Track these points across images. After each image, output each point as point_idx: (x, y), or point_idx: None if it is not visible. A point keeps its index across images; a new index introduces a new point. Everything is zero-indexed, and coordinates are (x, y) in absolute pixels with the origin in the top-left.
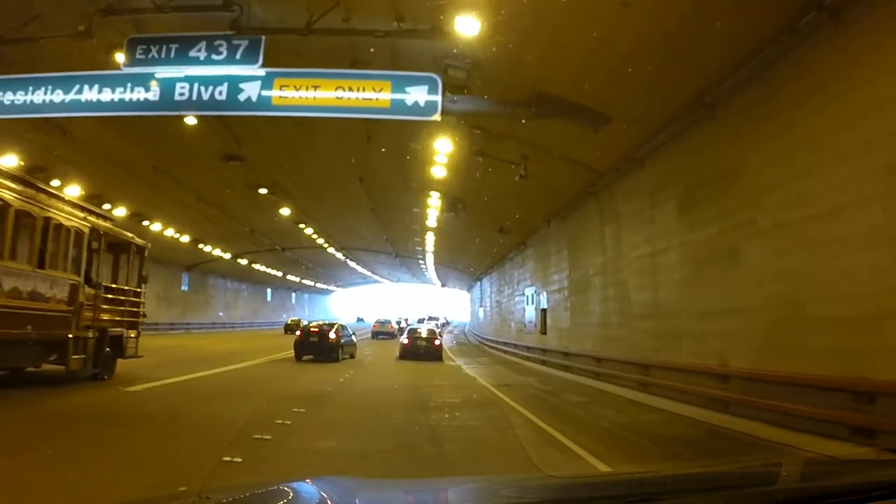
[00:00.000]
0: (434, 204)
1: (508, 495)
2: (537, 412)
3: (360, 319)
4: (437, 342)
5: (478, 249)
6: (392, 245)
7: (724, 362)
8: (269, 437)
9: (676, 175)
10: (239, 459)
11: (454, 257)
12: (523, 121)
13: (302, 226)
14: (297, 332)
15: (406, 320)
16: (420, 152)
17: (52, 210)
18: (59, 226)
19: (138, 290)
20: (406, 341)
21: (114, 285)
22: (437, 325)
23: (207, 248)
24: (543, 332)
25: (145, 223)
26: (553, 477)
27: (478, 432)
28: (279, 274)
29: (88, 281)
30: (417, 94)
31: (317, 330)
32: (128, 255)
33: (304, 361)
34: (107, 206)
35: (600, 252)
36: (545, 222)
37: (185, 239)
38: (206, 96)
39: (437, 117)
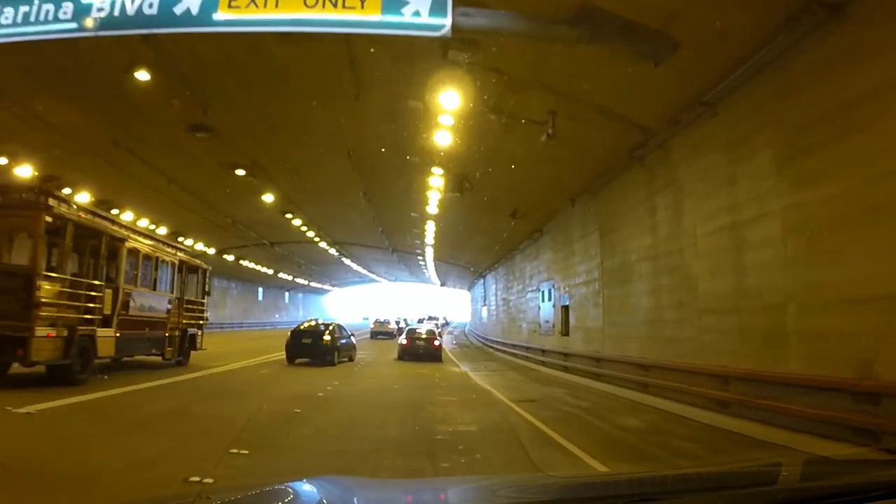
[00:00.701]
0: (436, 184)
1: (508, 495)
2: (591, 447)
3: (366, 319)
4: (436, 342)
5: (484, 241)
6: (388, 238)
7: (867, 373)
8: None
9: (772, 115)
10: None
11: (456, 252)
12: (557, 54)
13: (289, 216)
14: (289, 334)
15: (405, 320)
16: (420, 114)
17: (160, 251)
18: (163, 261)
19: (203, 300)
20: (405, 342)
21: (189, 298)
22: (436, 325)
23: (188, 242)
24: (565, 332)
25: (115, 212)
26: (553, 477)
27: None
28: (270, 271)
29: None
30: (418, 1)
31: (310, 330)
32: (196, 275)
33: (295, 365)
34: (67, 191)
35: (648, 232)
36: (569, 202)
37: (163, 231)
38: (131, 9)
39: (445, 32)
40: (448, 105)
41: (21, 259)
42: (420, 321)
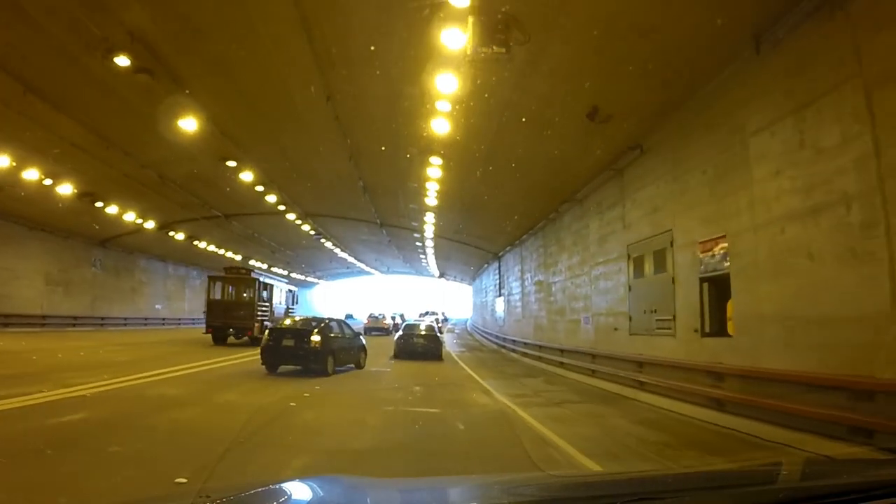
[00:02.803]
0: (445, 86)
1: (508, 494)
2: None
3: (349, 316)
4: (436, 340)
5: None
6: (375, 205)
7: None
8: None
9: None
10: None
11: (469, 219)
12: None
13: (230, 163)
14: (266, 333)
15: (401, 316)
16: None
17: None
18: (263, 283)
19: (268, 303)
20: (402, 339)
21: (262, 302)
22: (436, 320)
23: (112, 210)
24: (712, 332)
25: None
26: (553, 476)
27: None
28: (236, 257)
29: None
30: None
31: (293, 328)
32: (269, 289)
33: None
34: None
35: None
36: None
37: (67, 190)
38: None
39: None
40: None
41: (247, 296)
42: (423, 315)
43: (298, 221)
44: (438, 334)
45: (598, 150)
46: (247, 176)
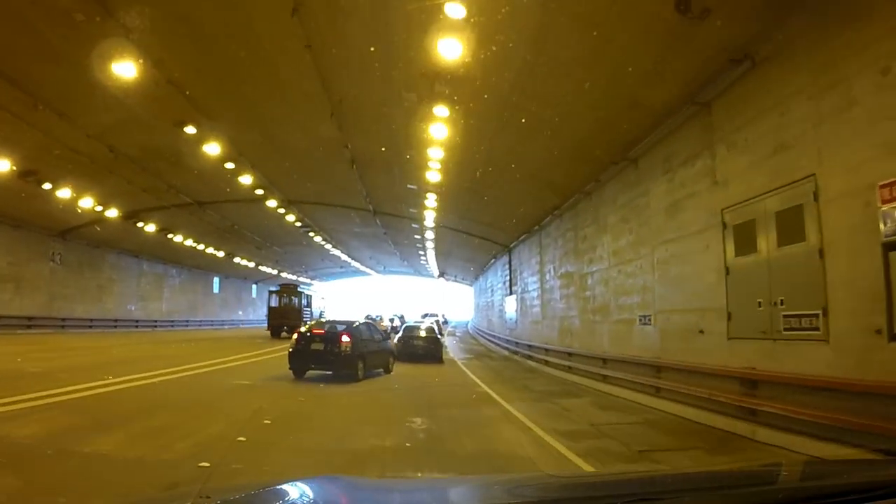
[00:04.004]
0: None
1: (508, 495)
2: None
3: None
4: (437, 342)
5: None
6: (366, 186)
7: None
8: None
9: None
10: None
11: (477, 201)
12: None
13: (189, 129)
14: (295, 336)
15: (401, 317)
16: None
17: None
18: (305, 294)
19: (309, 308)
20: (402, 341)
21: (305, 307)
22: (436, 321)
23: (65, 194)
24: None
25: None
26: (553, 476)
27: None
28: (218, 253)
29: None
30: None
31: (322, 332)
32: (309, 297)
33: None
34: None
35: None
36: None
37: (2, 166)
38: None
39: None
40: None
41: (295, 303)
42: (425, 316)
43: (281, 210)
44: (439, 336)
45: (671, 78)
46: (212, 149)
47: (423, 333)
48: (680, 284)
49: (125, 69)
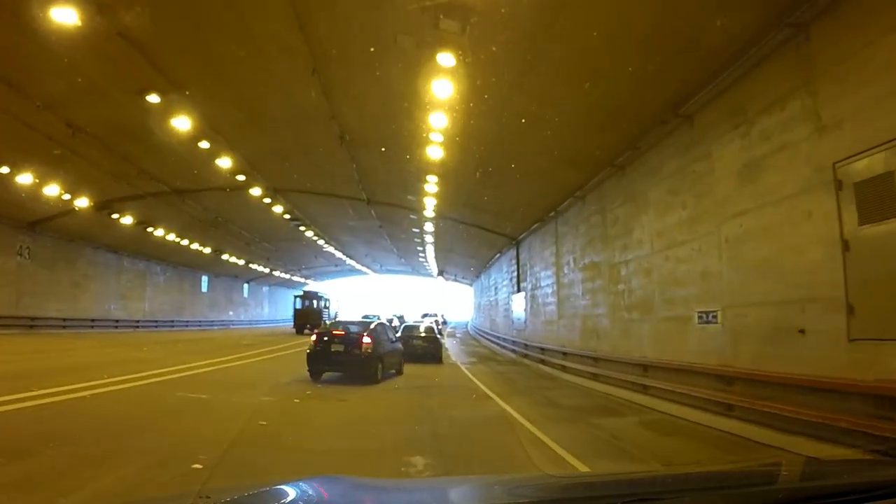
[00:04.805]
0: None
1: (508, 495)
2: None
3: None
4: (436, 341)
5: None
6: (359, 172)
7: None
8: None
9: None
10: None
11: (485, 185)
12: None
13: (152, 97)
14: (313, 338)
15: (401, 318)
16: None
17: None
18: (324, 298)
19: (327, 309)
20: (401, 341)
21: (324, 309)
22: (435, 322)
23: (25, 180)
24: None
25: None
26: (553, 476)
27: None
28: (205, 249)
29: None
30: None
31: (342, 333)
32: (328, 301)
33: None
34: None
35: None
36: None
37: None
38: None
39: None
40: None
41: (316, 306)
42: (423, 317)
43: (267, 200)
44: (438, 336)
45: None
46: (182, 123)
47: (422, 333)
48: (762, 269)
49: (65, 15)
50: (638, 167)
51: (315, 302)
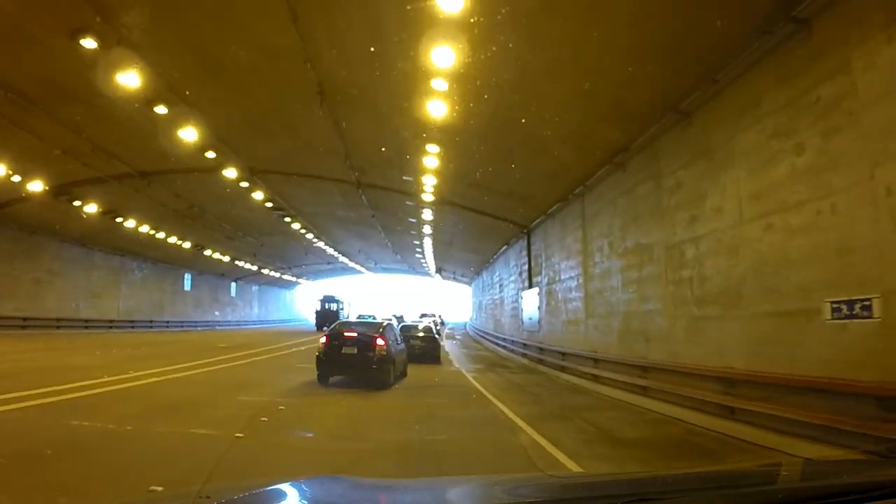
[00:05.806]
0: None
1: (508, 495)
2: None
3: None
4: (434, 341)
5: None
6: (343, 141)
7: None
8: None
9: None
10: None
11: (494, 159)
12: None
13: (88, 42)
14: (323, 340)
15: (400, 318)
16: None
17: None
18: (340, 301)
19: (343, 310)
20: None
21: (340, 310)
22: (433, 322)
23: None
24: None
25: None
26: (553, 476)
27: None
28: (185, 244)
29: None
30: None
31: (353, 336)
32: (343, 303)
33: None
34: None
35: None
36: None
37: None
38: None
39: None
40: None
41: (334, 308)
42: (421, 317)
43: (244, 184)
44: (436, 336)
45: None
46: (130, 79)
47: (420, 333)
48: None
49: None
50: (715, 109)
51: (333, 304)
